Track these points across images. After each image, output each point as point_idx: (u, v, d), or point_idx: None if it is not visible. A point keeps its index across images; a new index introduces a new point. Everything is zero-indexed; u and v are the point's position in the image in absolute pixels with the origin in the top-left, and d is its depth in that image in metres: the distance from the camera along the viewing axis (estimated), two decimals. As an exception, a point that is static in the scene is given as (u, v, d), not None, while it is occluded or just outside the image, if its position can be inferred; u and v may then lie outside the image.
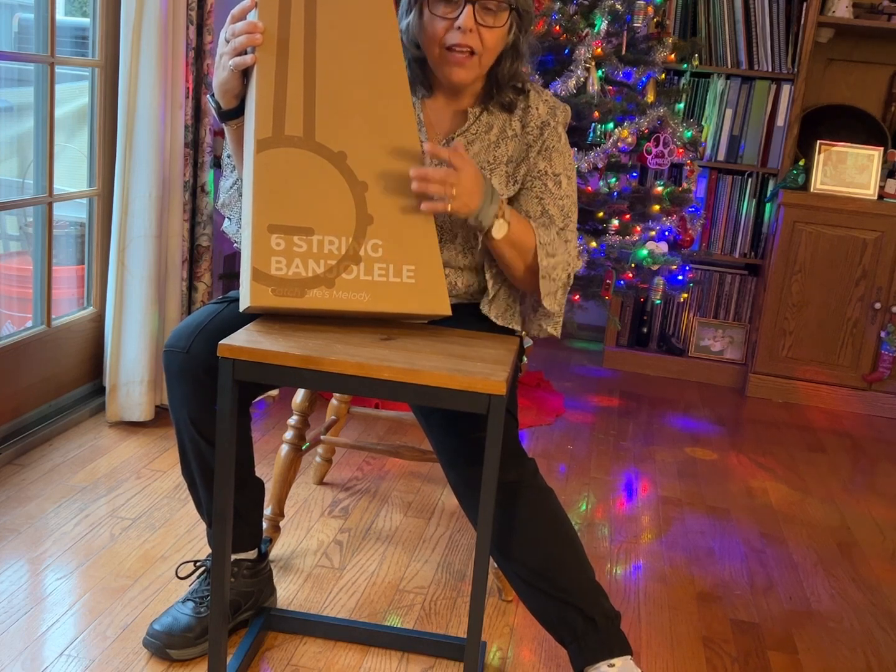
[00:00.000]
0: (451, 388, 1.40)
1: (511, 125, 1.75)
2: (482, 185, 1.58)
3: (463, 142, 1.72)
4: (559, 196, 1.75)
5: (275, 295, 1.51)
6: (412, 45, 1.70)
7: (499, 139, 1.74)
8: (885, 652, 2.07)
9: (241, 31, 1.51)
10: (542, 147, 1.74)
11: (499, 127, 1.75)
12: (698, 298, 4.02)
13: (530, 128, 1.74)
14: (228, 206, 1.77)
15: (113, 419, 2.80)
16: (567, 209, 1.76)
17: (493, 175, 1.73)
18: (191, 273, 2.94)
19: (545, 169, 1.74)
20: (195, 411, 1.67)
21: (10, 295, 3.19)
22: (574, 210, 1.78)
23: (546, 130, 1.74)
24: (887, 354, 3.74)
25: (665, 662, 1.93)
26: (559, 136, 1.76)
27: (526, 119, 1.75)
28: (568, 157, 1.78)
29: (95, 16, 2.76)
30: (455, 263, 1.74)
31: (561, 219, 1.74)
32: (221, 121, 1.62)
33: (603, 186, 3.00)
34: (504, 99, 1.74)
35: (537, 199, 1.74)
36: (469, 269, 1.75)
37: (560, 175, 1.75)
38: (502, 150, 1.74)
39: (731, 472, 3.02)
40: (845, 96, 4.01)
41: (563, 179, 1.76)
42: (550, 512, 1.69)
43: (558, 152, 1.76)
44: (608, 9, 2.88)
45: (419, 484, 2.67)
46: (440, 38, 1.63)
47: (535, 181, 1.74)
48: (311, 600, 2.01)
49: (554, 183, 1.74)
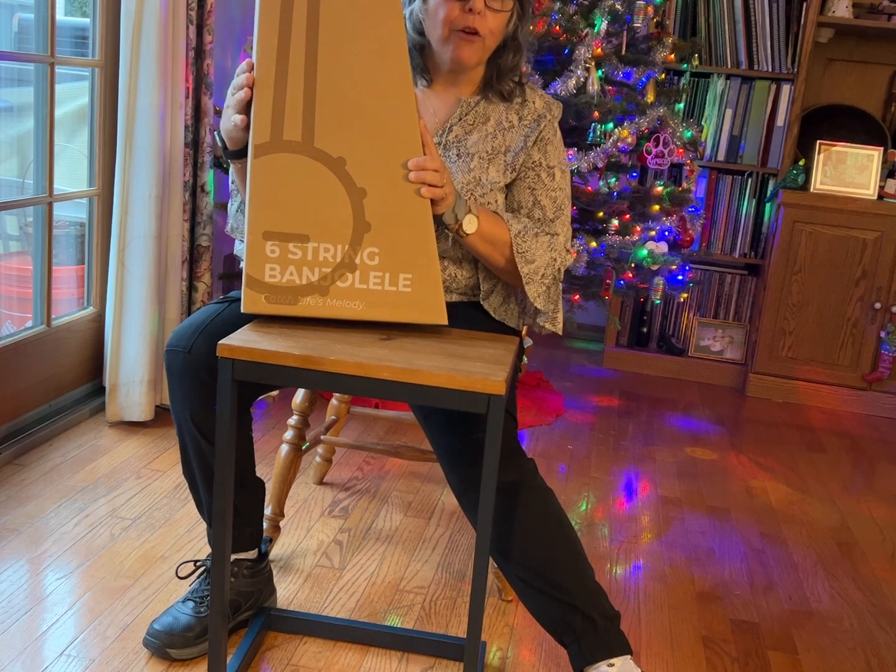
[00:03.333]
0: (451, 388, 1.41)
1: (508, 117, 1.78)
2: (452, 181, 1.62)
3: (460, 131, 1.75)
4: (552, 188, 1.77)
5: (268, 302, 1.51)
6: (414, 32, 1.73)
7: (496, 130, 1.76)
8: (885, 652, 2.07)
9: (239, 85, 1.51)
10: (539, 138, 1.77)
11: (495, 118, 1.77)
12: (698, 298, 4.02)
13: (527, 120, 1.77)
14: (237, 230, 1.77)
15: (113, 419, 2.80)
16: (560, 201, 1.78)
17: (491, 164, 1.74)
18: (191, 273, 2.94)
19: (539, 160, 1.77)
20: (196, 411, 1.67)
21: (10, 295, 3.19)
22: (566, 203, 1.80)
23: (542, 122, 1.78)
24: (887, 354, 3.74)
25: (665, 662, 1.93)
26: (554, 129, 1.80)
27: (523, 112, 1.78)
28: (562, 152, 1.81)
29: (95, 16, 2.76)
30: (454, 253, 1.74)
31: (552, 210, 1.77)
32: (227, 159, 1.64)
33: (603, 186, 3.00)
34: (504, 88, 1.77)
35: (529, 189, 1.76)
36: (468, 259, 1.76)
37: (554, 167, 1.78)
38: (500, 141, 1.76)
39: (731, 472, 3.02)
40: (845, 96, 4.01)
41: (556, 172, 1.78)
42: (550, 512, 1.69)
43: (553, 145, 1.79)
44: (608, 9, 2.88)
45: (419, 484, 2.67)
46: (450, 19, 1.66)
47: (529, 171, 1.77)
48: (311, 600, 2.01)
49: (547, 174, 1.77)
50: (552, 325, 1.78)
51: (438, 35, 1.69)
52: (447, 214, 1.61)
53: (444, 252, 1.73)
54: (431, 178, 1.52)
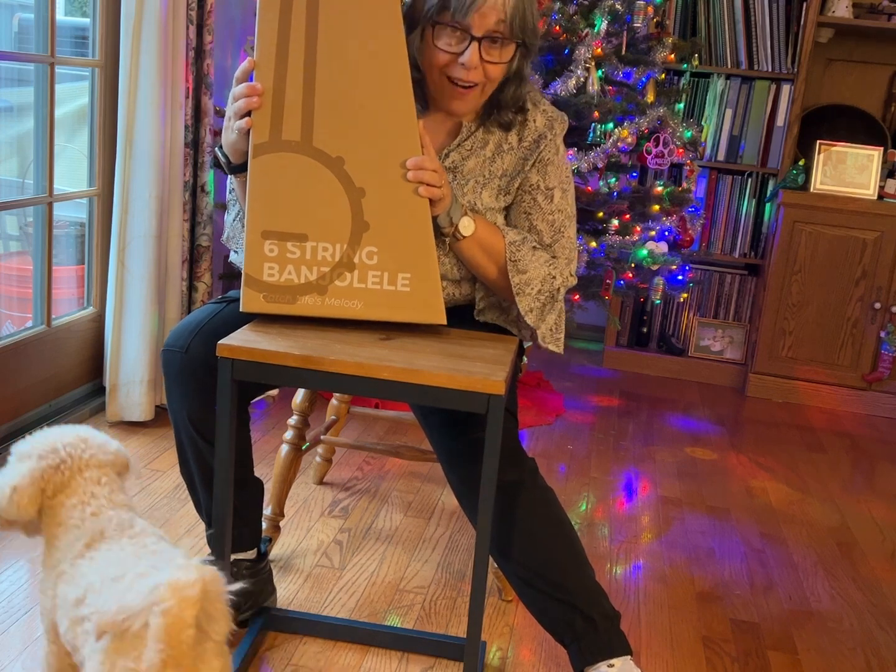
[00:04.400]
0: (451, 388, 1.41)
1: (507, 139, 1.73)
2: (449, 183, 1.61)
3: (458, 157, 1.71)
4: (549, 211, 1.73)
5: (266, 301, 1.51)
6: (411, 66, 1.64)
7: (494, 154, 1.72)
8: (885, 652, 2.07)
9: (240, 94, 1.50)
10: (538, 159, 1.72)
11: (494, 142, 1.72)
12: (698, 298, 4.02)
13: (527, 141, 1.72)
14: (233, 240, 1.77)
15: (113, 419, 2.80)
16: (558, 224, 1.73)
17: (484, 189, 1.71)
18: (191, 273, 2.94)
19: (537, 183, 1.72)
20: (194, 411, 1.67)
21: (10, 295, 3.19)
22: (568, 224, 1.75)
23: (542, 143, 1.72)
24: (887, 354, 3.74)
25: (665, 662, 1.93)
26: (556, 148, 1.74)
27: (523, 133, 1.72)
28: (565, 171, 1.76)
29: (95, 16, 2.76)
30: (451, 276, 1.72)
31: (550, 234, 1.73)
32: (230, 173, 1.63)
33: (603, 186, 3.00)
34: (504, 119, 1.71)
35: (525, 214, 1.73)
36: (466, 279, 1.74)
37: (553, 189, 1.73)
38: (498, 165, 1.72)
39: (731, 472, 3.02)
40: (845, 96, 4.01)
41: (556, 193, 1.73)
42: (550, 512, 1.69)
43: (554, 165, 1.73)
44: (608, 9, 2.88)
45: (419, 484, 2.67)
46: (442, 67, 1.61)
47: (525, 195, 1.73)
48: (311, 600, 2.01)
49: (545, 197, 1.72)
50: (555, 345, 1.72)
51: (433, 80, 1.64)
52: (442, 217, 1.59)
53: (445, 273, 1.70)
54: (430, 177, 1.51)
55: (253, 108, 1.49)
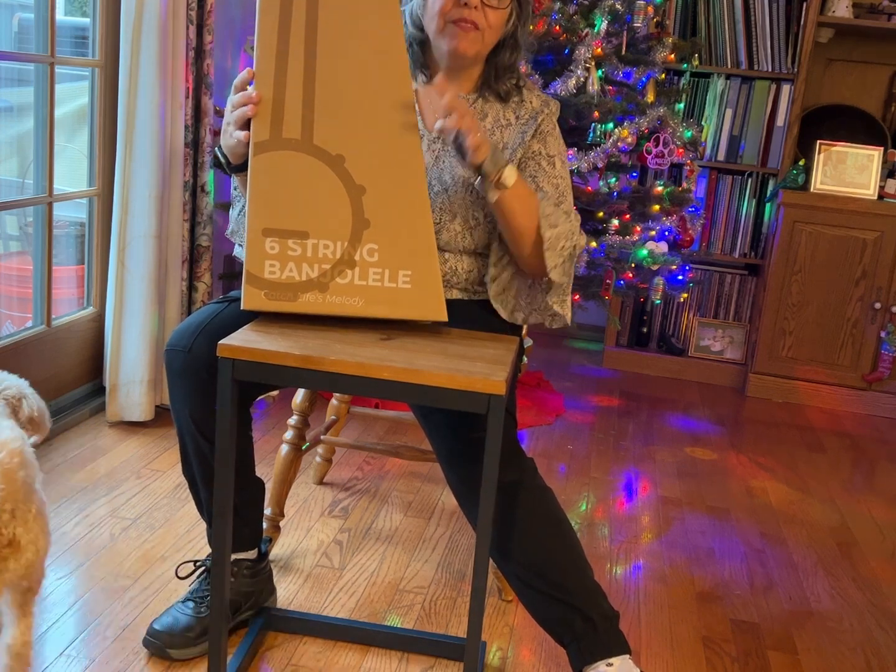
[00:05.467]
0: (451, 388, 1.40)
1: (505, 115, 1.78)
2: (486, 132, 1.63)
3: None
4: (553, 175, 1.77)
5: (267, 298, 1.52)
6: (414, 27, 1.74)
7: (493, 127, 1.77)
8: (886, 652, 2.07)
9: (238, 103, 1.51)
10: (537, 131, 1.77)
11: (493, 116, 1.78)
12: (698, 298, 4.02)
13: (524, 118, 1.78)
14: (237, 234, 1.77)
15: (113, 419, 2.80)
16: (563, 188, 1.78)
17: None
18: (191, 273, 2.94)
19: (539, 150, 1.77)
20: (196, 410, 1.67)
21: (10, 295, 3.19)
22: (569, 191, 1.80)
23: (540, 117, 1.78)
24: (887, 354, 3.74)
25: (665, 662, 1.93)
26: (553, 123, 1.81)
27: (520, 111, 1.78)
28: (561, 144, 1.82)
29: (95, 16, 2.76)
30: (455, 246, 1.74)
31: (556, 195, 1.76)
32: (230, 173, 1.64)
33: (603, 186, 3.00)
34: (501, 88, 1.77)
35: (531, 178, 1.76)
36: (468, 252, 1.76)
37: (554, 156, 1.78)
38: (497, 138, 1.76)
39: (731, 472, 3.02)
40: (845, 96, 4.01)
41: (557, 161, 1.78)
42: (549, 512, 1.69)
43: (553, 136, 1.79)
44: (608, 9, 2.88)
45: (419, 484, 2.67)
46: (445, 11, 1.66)
47: (529, 161, 1.77)
48: (311, 600, 2.01)
49: (548, 163, 1.77)
50: (561, 307, 1.72)
51: (435, 27, 1.70)
52: (487, 162, 1.57)
53: (444, 245, 1.73)
54: (468, 123, 1.51)
55: (250, 117, 1.50)
